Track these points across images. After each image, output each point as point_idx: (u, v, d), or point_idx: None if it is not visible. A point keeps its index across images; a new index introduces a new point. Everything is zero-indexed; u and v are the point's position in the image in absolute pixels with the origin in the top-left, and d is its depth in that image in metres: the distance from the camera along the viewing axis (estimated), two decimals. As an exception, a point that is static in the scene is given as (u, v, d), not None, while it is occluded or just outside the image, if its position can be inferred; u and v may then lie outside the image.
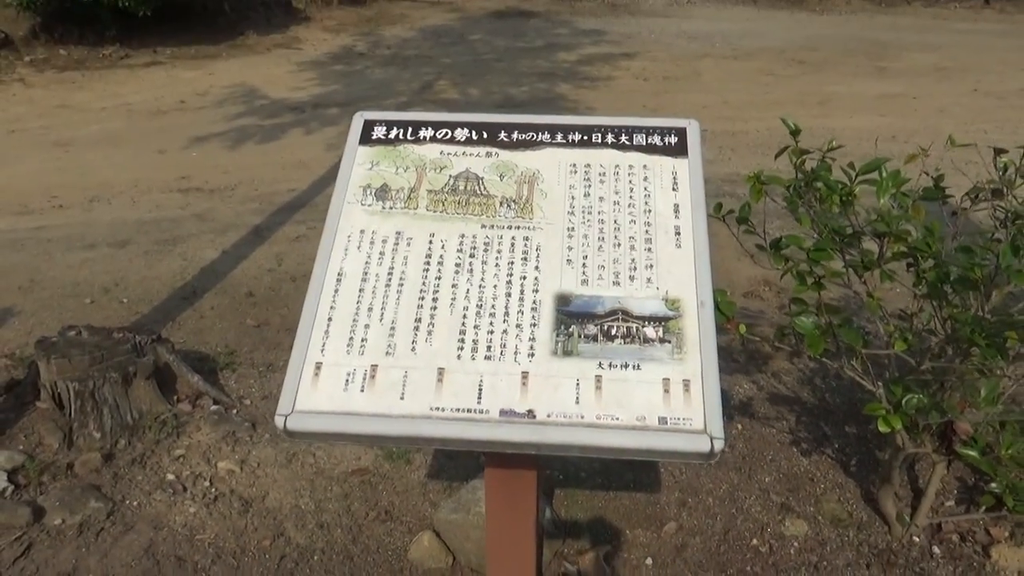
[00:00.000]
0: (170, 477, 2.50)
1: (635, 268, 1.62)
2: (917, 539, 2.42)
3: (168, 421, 2.75)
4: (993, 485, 2.07)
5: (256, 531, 2.34)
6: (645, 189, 1.74)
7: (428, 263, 1.64)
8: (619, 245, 1.65)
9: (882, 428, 1.93)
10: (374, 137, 1.87)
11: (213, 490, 2.47)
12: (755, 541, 2.38)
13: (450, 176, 1.79)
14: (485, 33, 11.30)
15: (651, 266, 1.62)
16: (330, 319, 1.58)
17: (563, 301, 1.58)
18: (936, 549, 2.34)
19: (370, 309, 1.59)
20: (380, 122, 1.89)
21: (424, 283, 1.61)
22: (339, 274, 1.64)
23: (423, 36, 11.05)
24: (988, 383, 1.89)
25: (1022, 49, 10.74)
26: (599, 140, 1.83)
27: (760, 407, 3.01)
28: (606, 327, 1.53)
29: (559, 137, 1.84)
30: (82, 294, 3.87)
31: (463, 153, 1.83)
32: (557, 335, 1.53)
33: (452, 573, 2.24)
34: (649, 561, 2.31)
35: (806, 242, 1.82)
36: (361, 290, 1.62)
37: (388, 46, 10.40)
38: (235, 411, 2.91)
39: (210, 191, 5.40)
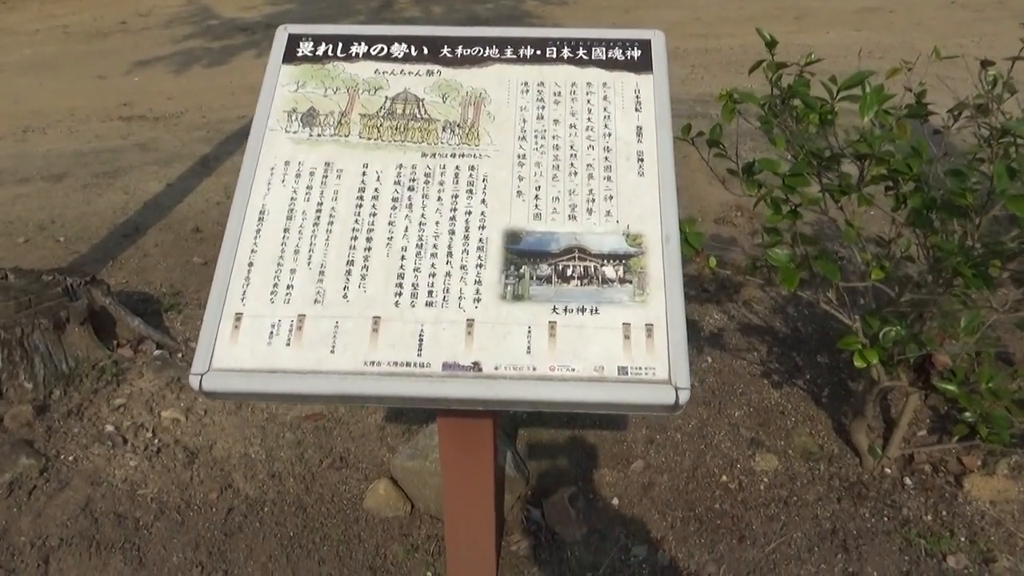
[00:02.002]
0: (109, 428, 2.35)
1: (593, 200, 1.45)
2: (889, 471, 2.36)
3: (107, 368, 2.58)
4: (967, 414, 1.99)
5: (202, 483, 2.21)
6: (605, 110, 1.56)
7: (361, 198, 1.46)
8: (575, 174, 1.48)
9: (858, 363, 1.82)
10: (299, 54, 1.65)
11: (156, 441, 2.33)
12: (724, 478, 2.31)
13: (386, 98, 1.58)
14: (447, -55, 10.72)
15: (611, 197, 1.45)
16: (251, 264, 1.40)
17: (513, 239, 1.41)
18: (908, 480, 2.28)
19: (296, 251, 1.41)
20: (306, 36, 1.67)
21: (357, 221, 1.43)
22: (261, 212, 1.46)
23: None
24: (969, 314, 1.78)
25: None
26: (553, 55, 1.63)
27: (731, 339, 2.90)
28: (561, 267, 1.38)
29: (509, 52, 1.63)
30: (15, 233, 3.62)
31: (401, 72, 1.62)
32: (506, 277, 1.37)
33: (410, 521, 2.14)
34: (616, 501, 2.23)
35: (782, 166, 1.65)
36: (286, 230, 1.43)
37: (345, -40, 9.82)
38: (180, 355, 2.74)
39: (154, 119, 5.08)
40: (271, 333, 1.32)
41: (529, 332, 1.31)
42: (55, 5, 7.76)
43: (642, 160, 1.49)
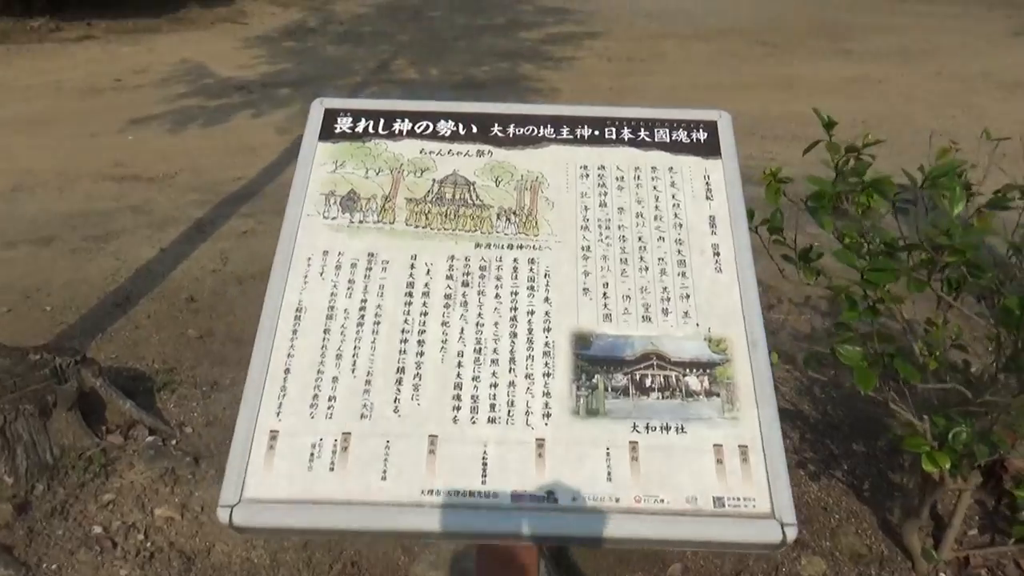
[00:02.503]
0: (97, 530, 2.12)
1: (668, 299, 1.30)
2: (943, 575, 2.19)
3: (95, 458, 2.36)
4: (1024, 514, 1.84)
5: (200, 592, 1.99)
6: (673, 197, 1.42)
7: (410, 294, 1.30)
8: (646, 269, 1.33)
9: (927, 467, 1.67)
10: (338, 131, 1.51)
11: (148, 544, 2.10)
12: (772, 585, 2.12)
13: (434, 181, 1.44)
14: (444, 9, 10.83)
15: (687, 296, 1.30)
16: (287, 370, 1.23)
17: (582, 343, 1.25)
18: (968, 588, 2.11)
19: (338, 356, 1.24)
20: (345, 112, 1.53)
21: (406, 321, 1.27)
22: (298, 309, 1.29)
23: (378, 12, 10.53)
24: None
25: (978, 32, 10.70)
26: (613, 136, 1.50)
27: (763, 423, 2.74)
28: (639, 377, 1.22)
29: (565, 132, 1.50)
30: (-1, 301, 3.42)
31: (449, 152, 1.48)
32: (578, 388, 1.20)
33: (433, 637, 1.92)
34: (656, 612, 2.03)
35: (858, 260, 1.52)
36: (327, 331, 1.27)
37: (341, 22, 9.87)
38: (175, 442, 2.53)
39: (148, 180, 4.92)
40: (312, 455, 1.14)
41: (608, 455, 1.14)
42: (48, 61, 7.66)
43: (718, 254, 1.35)
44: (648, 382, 1.21)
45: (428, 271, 1.33)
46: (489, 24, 10.06)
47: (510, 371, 1.22)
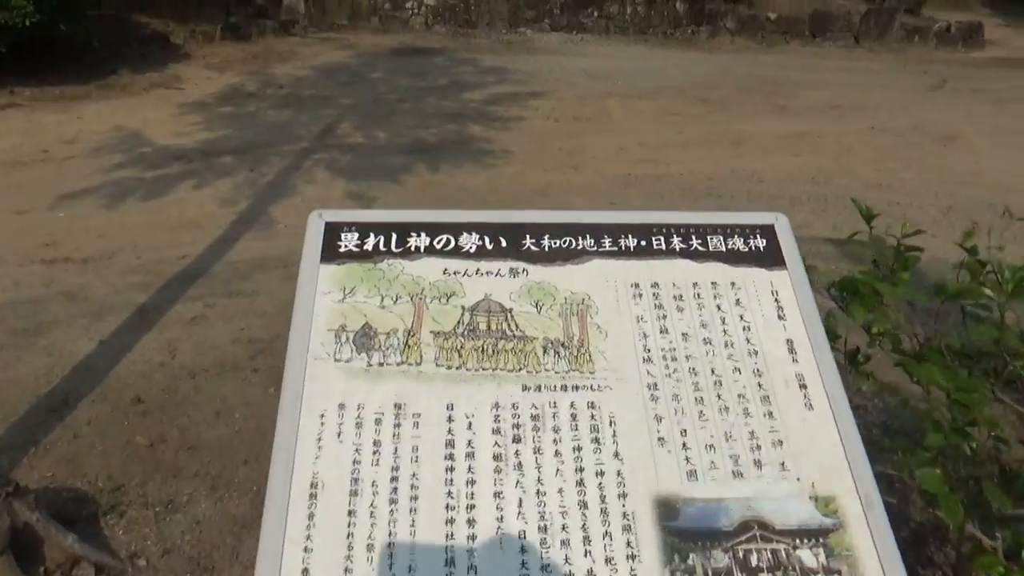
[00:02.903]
0: None
1: (759, 447, 1.09)
2: None
3: (32, 614, 1.99)
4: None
5: None
6: (741, 318, 1.23)
7: (452, 457, 1.06)
8: (726, 410, 1.13)
9: (1001, 589, 1.49)
10: (343, 249, 1.27)
11: None
12: None
13: (463, 309, 1.21)
14: (384, 71, 10.71)
15: (780, 442, 1.10)
16: (306, 571, 0.96)
17: (667, 511, 1.03)
18: None
19: (370, 546, 0.98)
20: (349, 226, 1.30)
21: (451, 494, 1.03)
22: (313, 485, 1.03)
23: (318, 75, 10.33)
24: None
25: (901, 87, 11.17)
26: (662, 246, 1.30)
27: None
28: (742, 553, 1.00)
29: (607, 243, 1.30)
30: (-88, 413, 2.99)
31: (477, 271, 1.25)
32: (671, 571, 0.97)
33: None
34: None
35: (942, 375, 1.35)
36: (351, 512, 1.01)
37: (280, 85, 9.62)
38: (127, 583, 2.17)
39: (82, 261, 4.52)
40: None
41: (723, 665, 0.91)
42: (-34, 132, 7.16)
43: (805, 387, 1.16)
44: (754, 560, 0.99)
45: (470, 424, 1.09)
46: (432, 86, 9.97)
47: (585, 554, 0.99)
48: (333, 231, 1.28)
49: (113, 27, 11.43)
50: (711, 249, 1.30)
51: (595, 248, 1.29)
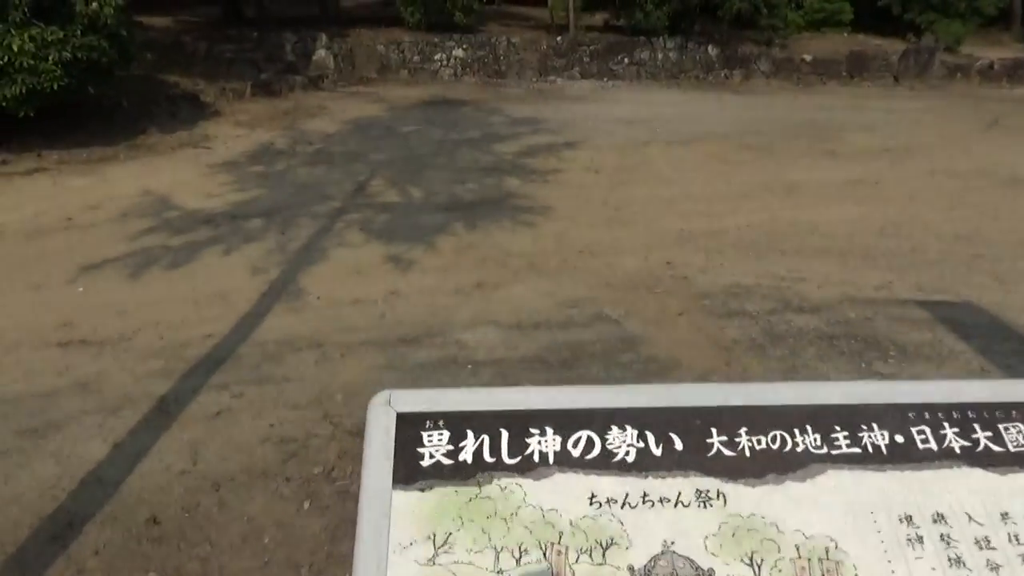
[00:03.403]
0: None
1: None
2: None
3: None
4: None
5: None
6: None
7: None
8: None
9: None
10: (427, 462, 0.80)
11: None
12: None
13: (632, 571, 0.73)
14: (416, 124, 10.44)
15: None
16: None
17: None
18: None
19: None
20: (435, 419, 0.83)
21: None
22: None
23: (348, 130, 10.08)
24: None
25: (953, 127, 10.66)
26: (931, 442, 0.82)
27: None
28: None
29: (840, 438, 0.82)
30: None
31: (644, 498, 0.78)
32: None
33: None
34: None
35: None
36: None
37: (310, 142, 9.36)
38: None
39: (99, 344, 4.13)
40: None
41: None
42: (-9, 200, 6.91)
43: None
44: None
45: None
46: (464, 138, 9.65)
47: None
48: (410, 429, 0.82)
49: (142, 87, 11.34)
50: (1011, 446, 0.82)
51: (824, 449, 0.81)
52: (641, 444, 0.82)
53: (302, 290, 4.90)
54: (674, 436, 0.82)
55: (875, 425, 0.84)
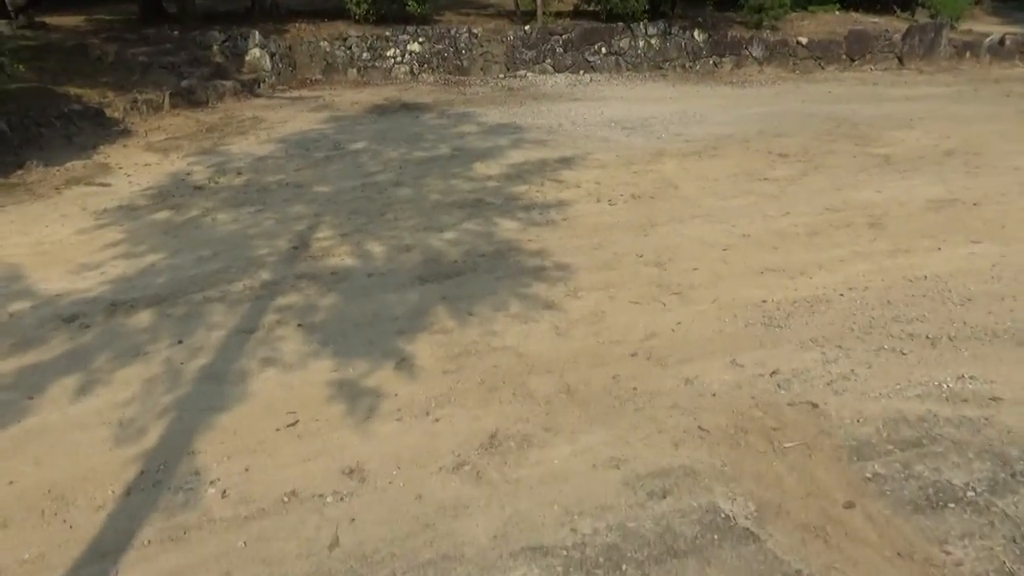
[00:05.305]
0: None
1: None
2: None
3: None
4: None
5: None
6: None
7: None
8: None
9: None
10: None
11: None
12: None
13: None
14: (369, 139, 8.28)
15: None
16: None
17: None
18: None
19: None
20: None
21: None
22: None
23: (286, 150, 7.88)
24: None
25: (1003, 116, 8.90)
26: None
27: None
28: None
29: None
30: None
31: None
32: None
33: None
34: None
35: None
36: None
37: (238, 170, 7.16)
38: None
39: None
40: None
41: None
42: None
43: None
44: None
45: None
46: (432, 156, 7.54)
47: None
48: None
49: (33, 103, 8.93)
50: None
51: None
52: None
53: (197, 476, 2.81)
54: None
55: None
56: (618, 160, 7.23)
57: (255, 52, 12.00)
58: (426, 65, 12.54)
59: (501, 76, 12.50)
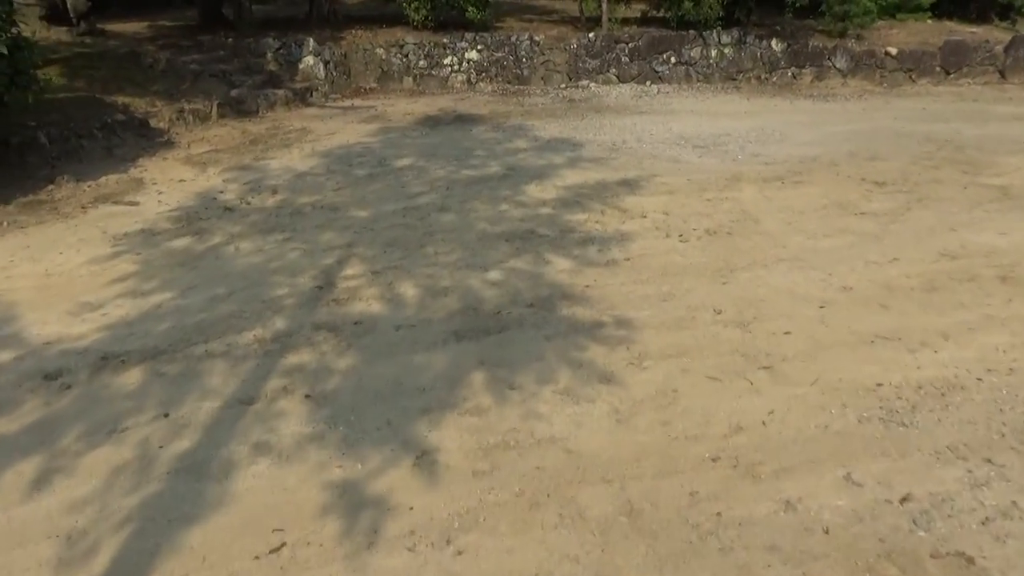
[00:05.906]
0: None
1: None
2: None
3: None
4: None
5: None
6: None
7: None
8: None
9: None
10: None
11: None
12: None
13: None
14: (417, 155, 7.63)
15: None
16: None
17: None
18: None
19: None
20: None
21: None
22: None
23: (328, 166, 7.29)
24: None
25: None
26: None
27: None
28: None
29: None
30: None
31: None
32: None
33: None
34: None
35: None
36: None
37: (274, 188, 6.59)
38: None
39: None
40: None
41: None
42: None
43: None
44: None
45: None
46: (481, 177, 6.83)
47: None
48: None
49: (77, 111, 8.60)
50: None
51: None
52: None
53: (140, 629, 2.13)
54: None
55: None
56: (689, 185, 6.37)
57: (309, 60, 11.53)
58: (484, 74, 11.88)
59: (562, 86, 11.73)
